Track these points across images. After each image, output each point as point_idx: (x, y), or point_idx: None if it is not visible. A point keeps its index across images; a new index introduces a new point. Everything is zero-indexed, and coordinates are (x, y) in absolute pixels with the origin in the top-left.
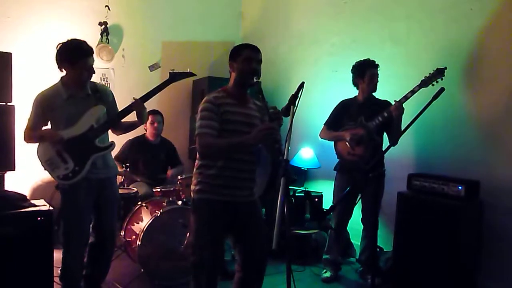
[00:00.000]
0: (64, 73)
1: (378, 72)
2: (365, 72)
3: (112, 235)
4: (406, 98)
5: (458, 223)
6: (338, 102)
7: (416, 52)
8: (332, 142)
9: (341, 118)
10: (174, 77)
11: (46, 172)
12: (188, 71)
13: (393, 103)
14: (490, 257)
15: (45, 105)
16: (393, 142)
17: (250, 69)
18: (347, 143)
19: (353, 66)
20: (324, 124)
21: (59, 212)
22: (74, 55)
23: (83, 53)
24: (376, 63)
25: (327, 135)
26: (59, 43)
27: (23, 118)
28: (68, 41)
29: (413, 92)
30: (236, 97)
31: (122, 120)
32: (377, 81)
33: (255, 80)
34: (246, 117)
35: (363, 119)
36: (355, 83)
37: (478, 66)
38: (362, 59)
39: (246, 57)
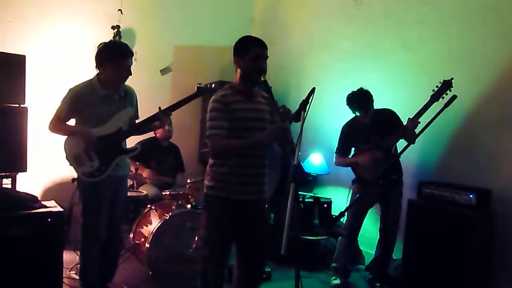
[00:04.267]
0: (95, 72)
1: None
2: (355, 112)
3: (119, 231)
4: (419, 115)
5: (469, 232)
6: (348, 109)
7: (428, 59)
8: None
9: (350, 142)
10: (201, 91)
11: (57, 174)
12: (214, 87)
13: (403, 105)
14: (501, 267)
15: (80, 100)
16: (411, 141)
17: (258, 69)
18: (367, 167)
19: (347, 100)
20: (335, 153)
21: (70, 213)
22: (116, 54)
23: (125, 53)
24: (369, 97)
25: (342, 163)
26: (102, 43)
27: (36, 120)
28: (111, 41)
29: (425, 108)
30: (244, 93)
31: None
32: (372, 113)
33: (262, 79)
34: (255, 112)
35: (377, 140)
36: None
37: (490, 74)
38: (357, 89)
39: (254, 55)
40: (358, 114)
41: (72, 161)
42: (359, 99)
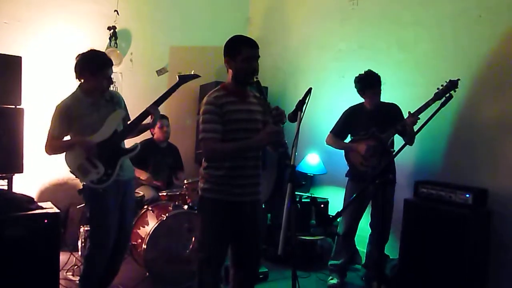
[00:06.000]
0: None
1: (382, 85)
2: (365, 92)
3: (129, 237)
4: (420, 111)
5: (465, 232)
6: (345, 108)
7: (423, 59)
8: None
9: (348, 126)
10: (183, 79)
11: (53, 176)
12: (193, 73)
13: (399, 105)
14: (498, 266)
15: (70, 114)
16: (410, 143)
17: (251, 70)
18: (361, 155)
19: (355, 81)
20: (330, 132)
21: (66, 215)
22: (95, 65)
23: (104, 63)
24: (378, 77)
25: (335, 144)
26: (79, 54)
27: (32, 121)
28: (88, 51)
29: (427, 105)
30: (237, 94)
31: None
32: (379, 98)
33: (254, 79)
34: (248, 113)
35: (376, 130)
36: (359, 94)
37: (486, 74)
38: (364, 71)
39: (246, 56)
40: (364, 99)
41: (78, 172)
42: (355, 81)
